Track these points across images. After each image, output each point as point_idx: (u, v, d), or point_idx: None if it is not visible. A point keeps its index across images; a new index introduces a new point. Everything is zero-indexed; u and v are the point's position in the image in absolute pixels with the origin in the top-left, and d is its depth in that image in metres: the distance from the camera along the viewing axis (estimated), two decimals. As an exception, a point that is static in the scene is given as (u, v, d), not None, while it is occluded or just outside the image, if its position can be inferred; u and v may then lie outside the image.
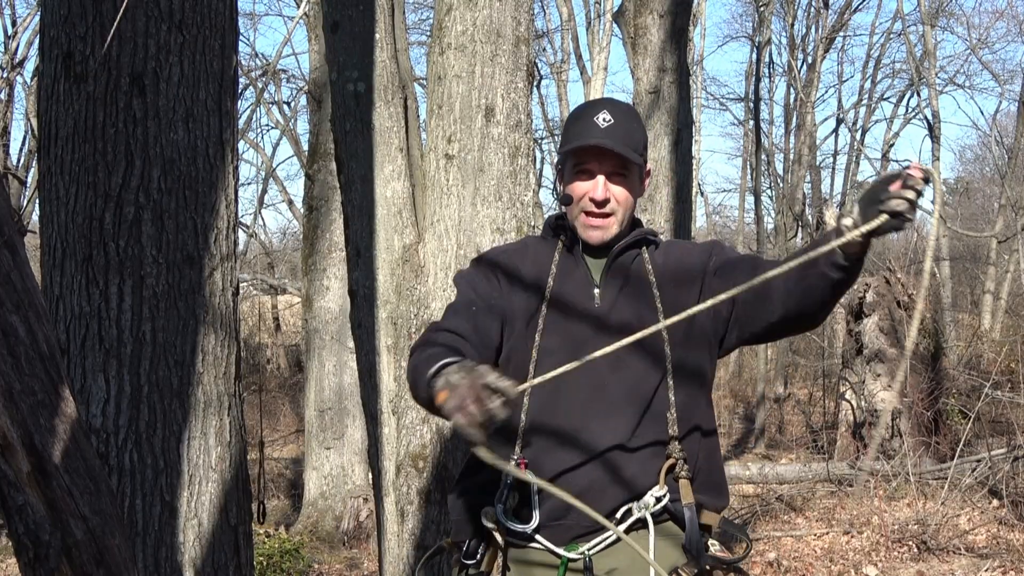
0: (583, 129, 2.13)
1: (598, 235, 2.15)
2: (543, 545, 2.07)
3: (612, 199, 2.14)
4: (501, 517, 2.07)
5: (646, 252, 2.23)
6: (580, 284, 2.16)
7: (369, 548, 8.78)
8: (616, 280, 2.17)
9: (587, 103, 2.23)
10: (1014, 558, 6.81)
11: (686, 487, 2.08)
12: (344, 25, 3.62)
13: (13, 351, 1.63)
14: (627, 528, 2.06)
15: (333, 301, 9.60)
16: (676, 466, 2.08)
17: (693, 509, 2.06)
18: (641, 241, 2.22)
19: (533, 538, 2.08)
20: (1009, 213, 19.40)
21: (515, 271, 2.21)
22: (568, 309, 2.13)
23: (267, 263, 23.15)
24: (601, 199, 2.12)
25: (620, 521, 2.06)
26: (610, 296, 2.15)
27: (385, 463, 3.53)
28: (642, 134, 2.20)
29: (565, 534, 2.08)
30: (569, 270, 2.18)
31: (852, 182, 26.36)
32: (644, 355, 2.10)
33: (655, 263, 2.21)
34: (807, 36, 24.27)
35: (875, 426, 10.32)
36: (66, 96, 2.83)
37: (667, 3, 6.04)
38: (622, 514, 2.07)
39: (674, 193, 6.07)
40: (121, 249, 2.80)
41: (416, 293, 3.48)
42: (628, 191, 2.16)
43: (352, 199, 3.62)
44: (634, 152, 2.13)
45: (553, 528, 2.07)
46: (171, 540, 2.83)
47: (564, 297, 2.15)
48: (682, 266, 2.21)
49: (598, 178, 2.13)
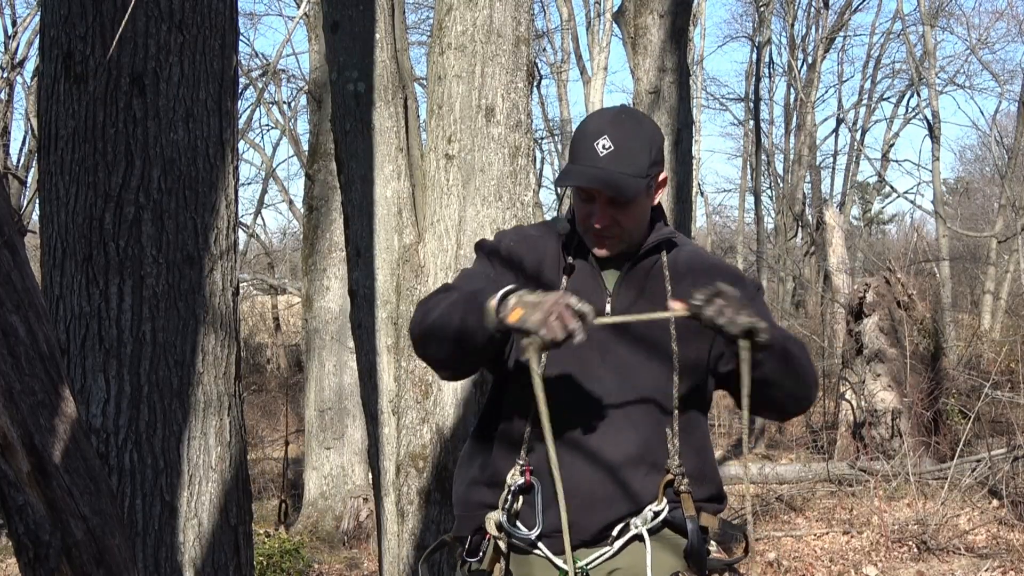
0: (583, 157, 2.05)
1: (604, 251, 2.11)
2: (543, 554, 2.07)
3: (615, 223, 2.07)
4: (505, 523, 2.06)
5: (665, 257, 2.16)
6: (593, 291, 2.11)
7: (369, 548, 8.78)
8: (631, 287, 2.13)
9: (593, 119, 2.12)
10: (1014, 558, 6.81)
11: (687, 500, 2.07)
12: (344, 25, 3.62)
13: (13, 351, 1.63)
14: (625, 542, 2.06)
15: (333, 301, 9.60)
16: (675, 481, 2.07)
17: (695, 520, 2.06)
18: (660, 245, 2.16)
19: (536, 545, 2.07)
20: (1009, 213, 19.40)
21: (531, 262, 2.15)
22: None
23: (267, 263, 23.15)
24: (602, 227, 2.06)
25: (619, 535, 2.06)
26: (623, 304, 2.11)
27: (385, 463, 3.53)
28: (649, 149, 2.08)
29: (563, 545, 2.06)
30: (583, 275, 2.14)
31: (852, 182, 26.37)
32: (652, 372, 2.08)
33: (674, 269, 2.16)
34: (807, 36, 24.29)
35: (875, 426, 10.32)
36: (66, 96, 2.83)
37: (667, 3, 6.04)
38: (620, 528, 2.06)
39: (674, 193, 6.07)
40: (121, 249, 2.80)
41: (416, 293, 3.48)
42: (633, 213, 2.08)
43: (352, 199, 3.63)
44: (636, 178, 2.03)
45: (554, 538, 2.06)
46: (171, 540, 2.83)
47: None
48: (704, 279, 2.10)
49: (596, 206, 2.05)
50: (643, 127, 2.11)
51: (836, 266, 13.00)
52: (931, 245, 20.53)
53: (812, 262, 21.47)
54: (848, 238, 15.49)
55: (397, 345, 3.51)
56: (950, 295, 18.49)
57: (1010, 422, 9.39)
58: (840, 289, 12.78)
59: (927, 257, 19.09)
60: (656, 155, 2.11)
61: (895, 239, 30.19)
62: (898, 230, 32.23)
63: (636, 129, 2.09)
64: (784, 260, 21.11)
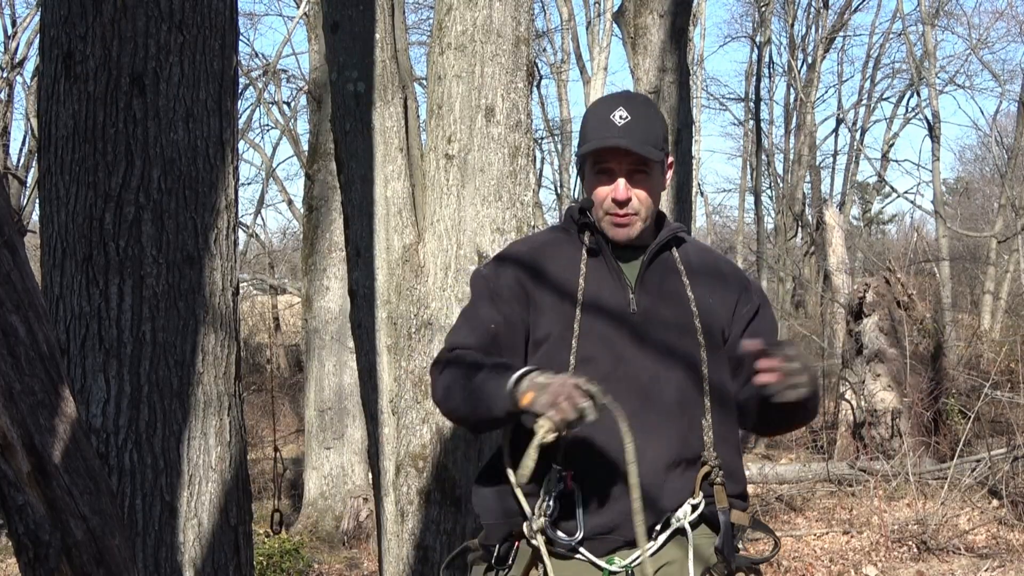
0: (600, 128, 2.08)
1: (624, 232, 2.11)
2: (586, 558, 2.04)
3: (634, 199, 2.09)
4: (548, 530, 2.02)
5: (676, 252, 2.18)
6: (615, 288, 2.11)
7: (369, 548, 8.78)
8: (652, 284, 2.13)
9: (603, 99, 2.16)
10: (1014, 558, 6.81)
11: (720, 492, 2.08)
12: (344, 25, 3.62)
13: (13, 351, 1.63)
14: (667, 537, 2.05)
15: (333, 301, 9.60)
16: (711, 474, 2.07)
17: (727, 513, 2.06)
18: (670, 241, 2.18)
19: (577, 551, 2.04)
20: (1009, 213, 19.40)
21: (541, 273, 2.15)
22: (604, 314, 2.09)
23: (267, 263, 23.14)
24: (623, 199, 2.08)
25: (661, 531, 2.05)
26: (646, 301, 2.11)
27: (385, 463, 3.53)
28: (662, 127, 2.13)
29: (606, 547, 2.05)
30: (601, 273, 2.13)
31: (852, 182, 26.37)
32: (682, 367, 2.08)
33: (688, 264, 2.17)
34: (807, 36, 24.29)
35: (875, 426, 10.32)
36: (66, 96, 2.83)
37: (667, 3, 6.04)
38: (662, 524, 2.06)
39: (674, 193, 6.07)
40: (121, 249, 2.80)
41: (416, 293, 3.48)
42: (650, 188, 2.11)
43: (352, 199, 3.63)
44: (654, 148, 2.07)
45: (596, 540, 2.04)
46: (171, 540, 2.83)
47: (599, 302, 2.10)
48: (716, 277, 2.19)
49: (619, 180, 2.08)
50: (652, 105, 2.20)
51: (836, 266, 13.00)
52: (931, 245, 20.53)
53: (812, 262, 21.48)
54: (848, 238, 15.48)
55: (397, 345, 3.51)
56: (950, 295, 18.49)
57: (1010, 422, 9.39)
58: (840, 289, 12.78)
59: (927, 257, 19.10)
60: (666, 134, 2.16)
61: (895, 239, 30.18)
62: (898, 230, 32.24)
63: (648, 105, 2.17)
64: (784, 260, 21.11)
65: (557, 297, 2.11)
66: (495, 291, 2.15)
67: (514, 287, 2.14)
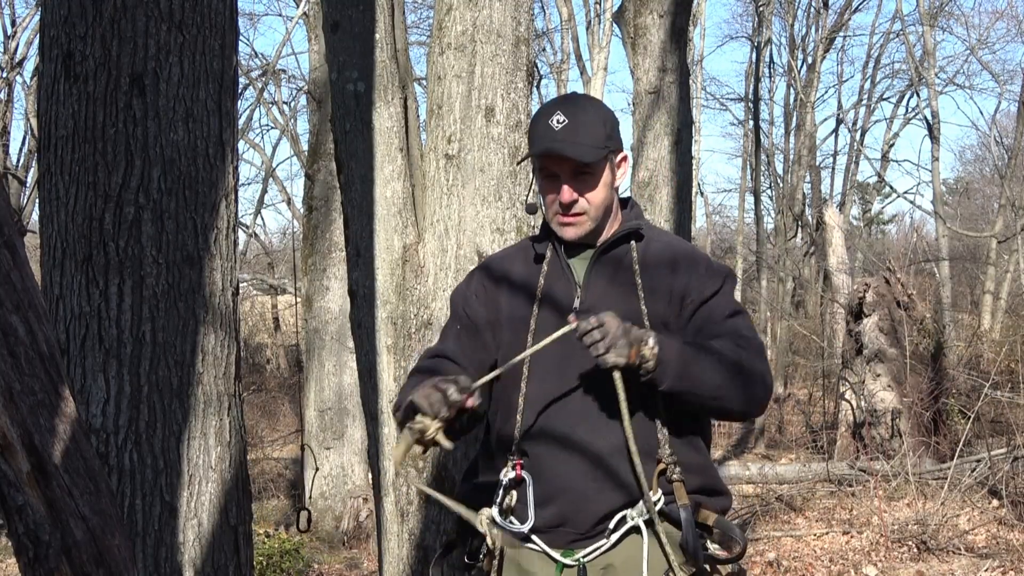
0: (540, 134, 2.12)
1: (572, 232, 2.16)
2: (539, 547, 2.08)
3: (581, 200, 2.13)
4: (498, 518, 2.08)
5: (635, 245, 2.20)
6: (564, 285, 2.18)
7: (369, 548, 8.78)
8: (600, 278, 2.17)
9: (545, 105, 2.21)
10: (1014, 558, 6.81)
11: (680, 489, 2.08)
12: (344, 25, 3.62)
13: (13, 351, 1.62)
14: (622, 535, 2.07)
15: (333, 301, 9.60)
16: (668, 470, 2.08)
17: (688, 510, 2.06)
18: (628, 235, 2.20)
19: (529, 538, 2.08)
20: (1009, 213, 19.40)
21: (504, 277, 2.24)
22: (556, 310, 2.15)
23: (267, 263, 23.14)
24: (567, 202, 2.13)
25: (615, 528, 2.07)
26: (592, 295, 2.15)
27: (385, 463, 3.53)
28: (604, 125, 2.15)
29: (561, 539, 2.08)
30: (557, 271, 2.20)
31: (852, 182, 26.37)
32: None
33: (643, 258, 2.19)
34: (807, 36, 24.28)
35: (875, 426, 10.32)
36: (66, 96, 2.83)
37: (667, 3, 6.03)
38: (617, 521, 2.07)
39: (674, 193, 6.06)
40: (121, 249, 2.80)
41: (416, 293, 3.48)
42: (597, 187, 2.13)
43: (352, 199, 3.62)
44: (594, 148, 2.10)
45: (549, 533, 2.08)
46: (171, 540, 2.83)
47: (552, 299, 2.17)
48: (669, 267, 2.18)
49: (563, 185, 2.12)
50: (594, 104, 2.21)
51: (836, 266, 13.00)
52: (931, 245, 20.53)
53: (812, 262, 21.47)
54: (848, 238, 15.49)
55: (397, 345, 3.51)
56: (950, 295, 18.50)
57: (1010, 422, 9.40)
58: (840, 289, 12.78)
59: (927, 257, 19.11)
60: (611, 131, 2.16)
61: (895, 239, 30.19)
62: (898, 230, 32.24)
63: (587, 105, 2.18)
64: (784, 260, 21.10)
65: (518, 299, 2.21)
66: (466, 298, 2.28)
67: (481, 293, 2.26)
